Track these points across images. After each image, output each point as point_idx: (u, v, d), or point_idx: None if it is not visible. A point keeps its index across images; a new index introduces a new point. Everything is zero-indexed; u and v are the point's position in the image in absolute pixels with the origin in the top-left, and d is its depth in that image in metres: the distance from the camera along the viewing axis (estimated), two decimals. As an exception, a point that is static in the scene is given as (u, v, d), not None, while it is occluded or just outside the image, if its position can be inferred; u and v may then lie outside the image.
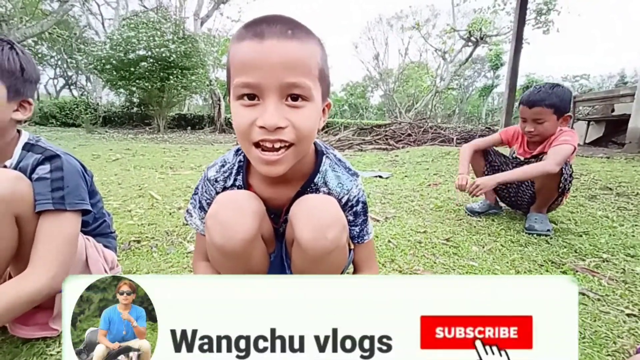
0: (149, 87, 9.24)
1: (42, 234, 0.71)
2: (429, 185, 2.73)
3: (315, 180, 0.67)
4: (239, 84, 0.52)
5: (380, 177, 3.28)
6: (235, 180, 0.68)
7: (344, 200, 0.68)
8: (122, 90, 10.28)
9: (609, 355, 0.79)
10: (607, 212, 1.84)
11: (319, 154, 0.69)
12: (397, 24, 22.19)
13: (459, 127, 9.40)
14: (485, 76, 24.70)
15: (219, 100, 12.02)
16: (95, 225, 0.94)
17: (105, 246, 0.95)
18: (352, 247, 0.73)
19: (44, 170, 0.74)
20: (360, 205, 0.70)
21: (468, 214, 1.90)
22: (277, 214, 0.71)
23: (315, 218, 0.60)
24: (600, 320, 0.92)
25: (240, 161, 0.68)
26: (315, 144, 0.69)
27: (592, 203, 2.01)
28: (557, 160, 1.48)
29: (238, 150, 0.69)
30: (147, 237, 1.54)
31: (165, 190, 2.48)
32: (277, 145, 0.54)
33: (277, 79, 0.51)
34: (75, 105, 11.24)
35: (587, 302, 1.01)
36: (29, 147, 0.78)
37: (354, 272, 0.78)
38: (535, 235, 1.56)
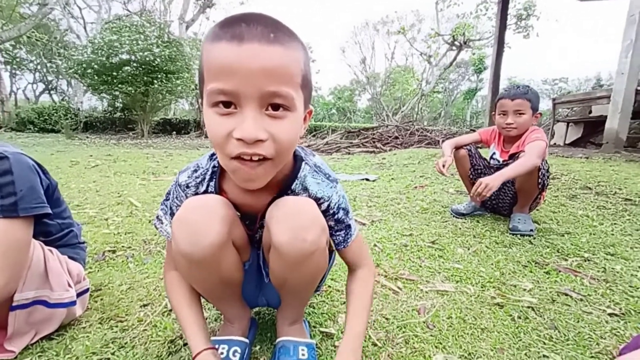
0: (133, 91, 9.02)
1: None
2: (415, 187, 2.73)
3: (293, 186, 0.64)
4: (214, 90, 0.48)
5: (367, 180, 3.27)
6: (208, 186, 0.64)
7: (323, 207, 0.65)
8: (104, 94, 10.02)
9: (592, 357, 0.78)
10: (587, 212, 1.87)
11: (297, 159, 0.66)
12: (383, 29, 22.49)
13: (444, 129, 9.56)
14: (469, 79, 25.27)
15: (205, 104, 11.85)
16: (60, 235, 0.88)
17: (72, 257, 0.89)
18: (333, 249, 0.70)
19: None
20: (342, 212, 0.67)
21: (453, 216, 1.90)
22: (252, 220, 0.67)
23: (292, 220, 0.57)
24: (583, 320, 0.92)
25: (214, 166, 0.65)
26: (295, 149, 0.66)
27: (573, 202, 2.04)
28: (537, 154, 1.54)
29: (213, 155, 0.65)
30: (123, 246, 1.47)
31: (145, 197, 2.39)
32: (255, 158, 0.51)
33: (257, 87, 0.47)
34: (54, 111, 10.86)
35: (570, 303, 1.00)
36: None
37: (349, 271, 0.74)
38: (519, 235, 1.57)
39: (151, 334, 0.84)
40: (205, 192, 0.64)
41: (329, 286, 1.10)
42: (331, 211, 0.66)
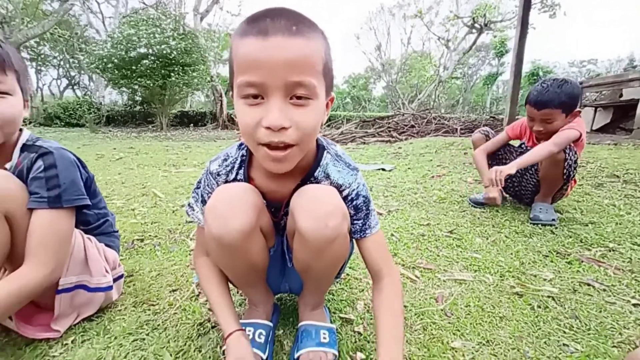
0: (151, 84, 9.24)
1: (38, 231, 0.72)
2: (432, 176, 2.70)
3: (316, 174, 0.66)
4: (243, 82, 0.51)
5: (383, 169, 3.25)
6: (237, 174, 0.68)
7: (344, 194, 0.67)
8: (124, 88, 10.30)
9: (614, 346, 0.78)
10: (614, 201, 1.80)
11: (319, 148, 0.68)
12: (399, 13, 21.81)
13: (462, 117, 9.27)
14: (490, 64, 24.25)
15: (221, 96, 11.99)
16: (97, 224, 0.94)
17: (108, 245, 0.96)
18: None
19: (38, 168, 0.74)
20: (361, 199, 0.69)
21: (472, 205, 1.88)
22: (277, 208, 0.70)
23: (316, 207, 0.60)
24: (605, 311, 0.91)
25: (242, 155, 0.68)
26: (317, 139, 0.68)
27: (599, 191, 1.97)
28: (557, 142, 1.46)
29: (241, 144, 0.69)
30: (150, 235, 1.55)
31: (168, 188, 2.48)
32: (281, 145, 0.54)
33: (282, 78, 0.50)
34: (78, 105, 11.30)
35: (593, 293, 0.99)
36: (25, 148, 0.78)
37: (374, 281, 0.70)
38: (540, 225, 1.54)
39: (181, 317, 0.90)
40: (235, 179, 0.68)
41: (348, 274, 1.13)
42: (350, 197, 0.68)
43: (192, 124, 12.02)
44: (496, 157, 1.82)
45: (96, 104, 12.02)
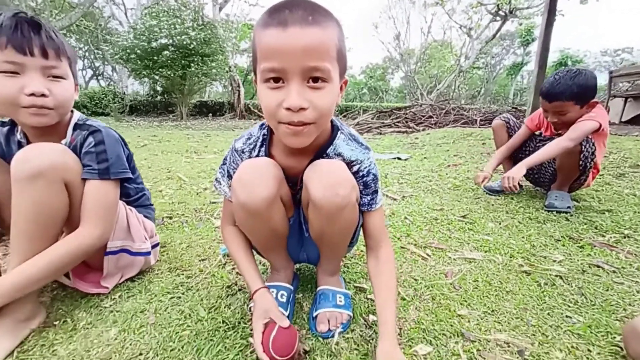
0: (172, 75, 9.47)
1: (90, 199, 0.82)
2: (448, 166, 2.71)
3: (328, 151, 0.73)
4: (266, 68, 0.58)
5: (398, 159, 3.27)
6: (259, 151, 0.76)
7: (355, 169, 0.74)
8: (146, 79, 10.60)
9: (617, 320, 0.81)
10: (635, 190, 1.78)
11: (334, 128, 0.74)
12: (420, 1, 21.13)
13: (483, 107, 9.01)
14: (515, 53, 23.24)
15: (239, 86, 12.14)
16: (136, 197, 1.05)
17: (145, 216, 1.07)
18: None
19: (89, 144, 0.84)
20: (371, 176, 0.75)
21: (487, 193, 1.90)
22: (295, 182, 0.77)
23: (326, 178, 0.67)
24: (612, 289, 0.94)
25: (264, 134, 0.75)
26: (332, 119, 0.74)
27: (620, 181, 1.94)
28: (572, 136, 1.45)
29: (262, 125, 0.76)
30: (177, 214, 1.67)
31: (191, 172, 2.62)
32: (300, 124, 0.60)
33: (300, 64, 0.56)
34: (103, 95, 11.75)
35: (602, 274, 1.02)
36: (77, 127, 0.88)
37: (369, 249, 0.81)
38: (554, 212, 1.55)
39: (211, 281, 1.00)
40: (257, 156, 0.76)
41: (361, 250, 1.20)
42: (361, 174, 0.75)
43: (210, 114, 12.27)
44: (519, 149, 1.82)
45: (120, 94, 12.45)
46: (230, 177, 0.79)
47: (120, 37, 10.00)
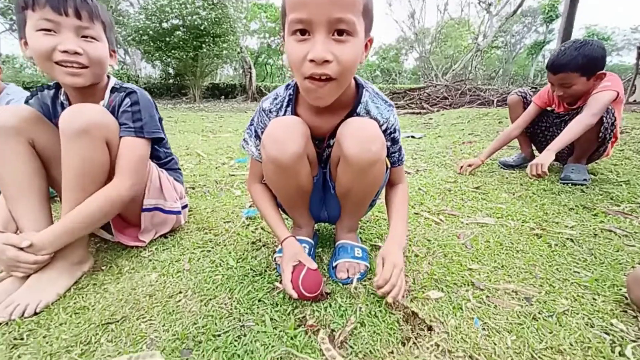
0: (184, 56, 9.50)
1: (125, 153, 0.88)
2: (463, 143, 2.70)
3: (358, 110, 0.77)
4: (293, 19, 0.61)
5: (412, 137, 3.27)
6: (285, 111, 0.80)
7: (383, 128, 0.78)
8: (158, 61, 10.66)
9: (625, 275, 0.85)
10: (656, 164, 1.75)
11: (359, 87, 0.78)
12: (437, -24, 20.14)
13: (500, 88, 8.73)
14: (537, 31, 22.10)
15: (250, 68, 12.09)
16: (166, 160, 1.13)
17: (175, 179, 1.14)
18: (388, 166, 0.84)
19: (126, 104, 0.91)
20: (397, 132, 0.81)
21: (501, 167, 1.90)
22: (321, 140, 0.82)
23: (361, 134, 0.71)
24: (623, 251, 0.96)
25: (290, 94, 0.79)
26: (355, 78, 0.78)
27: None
28: (594, 111, 1.42)
29: (288, 85, 0.80)
30: (199, 184, 1.75)
31: (209, 149, 2.70)
32: (323, 77, 0.64)
33: (326, 15, 0.59)
34: (118, 77, 11.89)
35: (613, 237, 1.05)
36: (115, 90, 0.95)
37: (389, 185, 0.92)
38: (570, 184, 1.55)
39: (236, 239, 1.08)
40: (284, 115, 0.80)
41: (377, 216, 1.26)
42: (388, 131, 0.79)
43: (222, 96, 12.32)
44: (535, 126, 1.80)
45: (134, 77, 12.58)
46: (257, 137, 0.84)
47: (132, 18, 10.02)
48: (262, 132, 0.80)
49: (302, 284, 0.70)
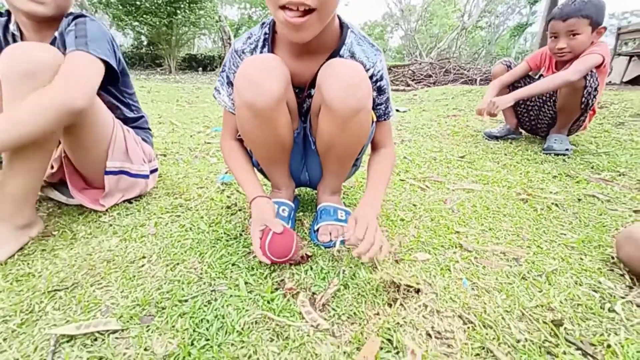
0: (157, 22, 8.83)
1: (65, 65, 0.71)
2: (447, 116, 2.66)
3: (341, 52, 0.68)
4: None
5: (397, 110, 3.21)
6: (261, 52, 0.69)
7: (369, 73, 0.69)
8: (129, 28, 9.88)
9: (610, 237, 0.84)
10: (633, 137, 1.78)
11: (343, 27, 0.68)
12: (425, -51, 19.46)
13: (483, 67, 8.74)
14: (520, 13, 22.10)
15: (229, 39, 11.44)
16: (135, 118, 1.00)
17: (144, 139, 1.02)
18: (373, 120, 0.75)
19: (70, 25, 0.78)
20: (385, 81, 0.72)
21: (486, 139, 1.88)
22: (301, 90, 0.73)
23: (344, 78, 0.61)
24: (606, 214, 0.96)
25: (265, 33, 0.69)
26: (338, 16, 0.68)
27: (619, 129, 1.94)
28: (578, 68, 1.42)
29: (263, 23, 0.70)
30: (172, 152, 1.62)
31: (184, 118, 2.52)
32: (301, 8, 0.54)
33: None
34: (85, 45, 10.98)
35: (596, 202, 1.04)
36: (72, 16, 0.81)
37: (373, 150, 0.83)
38: (553, 154, 1.55)
39: (210, 204, 0.99)
40: None
41: (360, 181, 1.20)
42: (375, 78, 0.70)
43: (200, 68, 11.68)
44: (514, 88, 1.77)
45: (102, 44, 11.66)
46: (230, 84, 0.74)
47: (98, -22, 9.12)
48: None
49: (269, 249, 0.63)
